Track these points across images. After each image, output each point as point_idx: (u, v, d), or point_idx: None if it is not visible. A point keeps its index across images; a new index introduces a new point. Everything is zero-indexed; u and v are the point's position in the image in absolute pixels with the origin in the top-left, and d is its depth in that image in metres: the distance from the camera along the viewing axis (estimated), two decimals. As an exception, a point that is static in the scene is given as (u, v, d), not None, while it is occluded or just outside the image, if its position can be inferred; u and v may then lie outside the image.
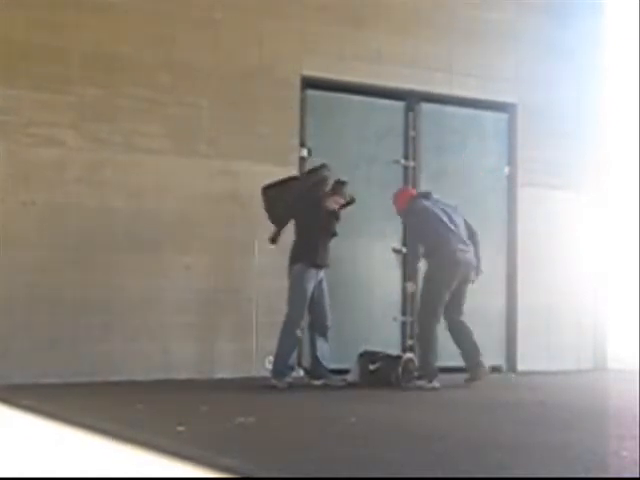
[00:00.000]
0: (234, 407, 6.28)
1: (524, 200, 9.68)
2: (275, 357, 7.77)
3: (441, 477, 4.17)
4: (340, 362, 8.29)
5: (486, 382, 8.19)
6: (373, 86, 9.04)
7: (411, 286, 8.23)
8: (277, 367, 7.74)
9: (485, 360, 8.08)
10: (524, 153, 9.70)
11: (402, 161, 9.19)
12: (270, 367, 7.90)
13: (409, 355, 8.06)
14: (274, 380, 7.68)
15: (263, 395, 7.29)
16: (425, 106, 9.30)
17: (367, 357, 8.08)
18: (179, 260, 8.17)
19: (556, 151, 9.80)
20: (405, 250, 8.43)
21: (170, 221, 8.15)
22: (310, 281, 7.78)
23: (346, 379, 8.01)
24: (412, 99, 9.26)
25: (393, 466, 4.37)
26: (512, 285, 9.63)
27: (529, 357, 9.58)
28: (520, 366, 9.51)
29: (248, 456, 4.54)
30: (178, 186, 8.20)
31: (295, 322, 7.74)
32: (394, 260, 8.75)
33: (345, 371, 8.19)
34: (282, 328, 7.75)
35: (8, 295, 7.57)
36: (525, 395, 7.53)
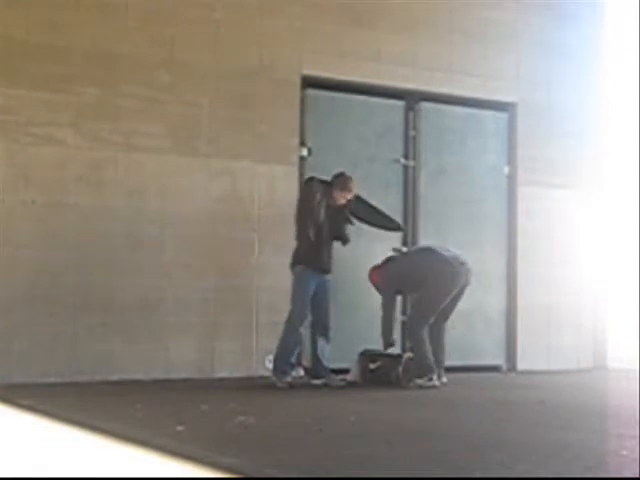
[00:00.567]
0: (234, 407, 6.28)
1: (524, 199, 9.68)
2: (277, 354, 7.77)
3: (441, 476, 4.17)
4: (340, 362, 8.28)
5: (486, 382, 8.19)
6: (373, 85, 9.04)
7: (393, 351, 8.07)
8: (278, 364, 7.75)
9: (439, 377, 7.89)
10: (524, 152, 9.70)
11: (402, 160, 9.19)
12: (270, 366, 7.90)
13: (409, 354, 8.06)
14: (275, 377, 7.70)
15: (263, 395, 7.29)
16: (425, 105, 9.30)
17: (367, 356, 8.09)
18: (179, 260, 8.17)
19: (556, 150, 9.81)
20: (381, 314, 8.08)
21: (170, 220, 8.15)
22: (310, 282, 7.79)
23: (345, 379, 8.01)
24: (412, 98, 9.26)
25: (393, 465, 4.37)
26: (512, 284, 9.63)
27: (529, 357, 9.58)
28: (520, 366, 9.51)
29: (248, 456, 4.54)
30: (178, 185, 8.20)
31: (296, 321, 7.75)
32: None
33: (345, 371, 8.19)
34: (285, 326, 7.77)
35: (8, 295, 7.57)
36: (525, 394, 7.52)
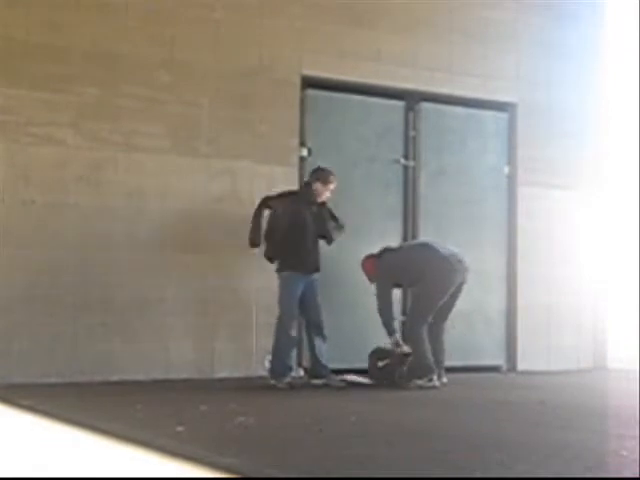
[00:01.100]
0: (234, 407, 6.28)
1: (524, 199, 9.68)
2: (272, 358, 7.79)
3: (441, 476, 4.17)
4: (340, 362, 8.29)
5: (486, 382, 8.19)
6: (373, 85, 9.04)
7: (396, 340, 7.97)
8: (275, 368, 7.76)
9: (439, 377, 7.88)
10: (524, 152, 9.70)
11: (402, 161, 9.18)
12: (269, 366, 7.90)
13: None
14: (273, 380, 7.70)
15: (263, 395, 7.29)
16: (425, 105, 9.29)
17: (377, 354, 8.10)
18: (179, 260, 8.17)
19: (556, 150, 9.81)
20: (377, 305, 8.02)
21: (170, 220, 8.15)
22: (297, 283, 7.77)
23: (346, 379, 8.00)
24: (412, 98, 9.26)
25: (393, 465, 4.37)
26: (512, 284, 9.63)
27: (529, 357, 9.58)
28: (520, 366, 9.51)
29: (248, 456, 4.54)
30: (178, 185, 8.20)
31: (286, 323, 7.74)
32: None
33: (345, 370, 8.20)
34: (275, 329, 7.78)
35: (8, 295, 7.57)
36: (525, 395, 7.52)
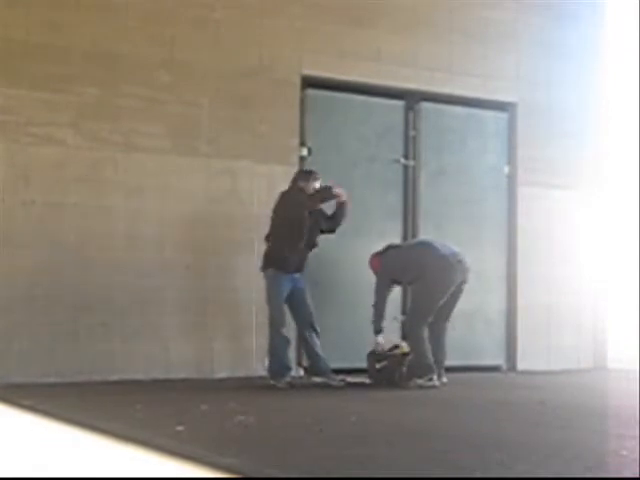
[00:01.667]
0: (234, 407, 6.28)
1: (524, 199, 9.68)
2: (269, 358, 7.79)
3: (441, 476, 4.17)
4: (340, 362, 8.29)
5: (486, 382, 8.18)
6: (373, 85, 9.04)
7: (381, 341, 7.97)
8: (273, 367, 7.76)
9: (439, 377, 7.86)
10: (524, 152, 9.70)
11: (402, 160, 9.18)
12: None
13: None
14: (273, 380, 7.70)
15: (263, 394, 7.29)
16: (425, 105, 9.29)
17: (374, 355, 8.09)
18: (179, 259, 8.17)
19: (556, 150, 9.81)
20: (374, 297, 8.02)
21: (170, 220, 8.15)
22: (283, 283, 7.74)
23: (345, 379, 7.99)
24: (412, 98, 9.26)
25: (393, 465, 4.37)
26: (512, 284, 9.63)
27: (529, 357, 9.58)
28: (520, 366, 9.51)
29: (248, 456, 4.53)
30: (178, 185, 8.20)
31: (276, 322, 7.71)
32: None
33: (345, 370, 8.20)
34: (269, 331, 7.78)
35: (8, 295, 7.57)
36: (525, 394, 7.52)
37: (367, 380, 8.07)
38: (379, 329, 7.96)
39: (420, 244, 8.35)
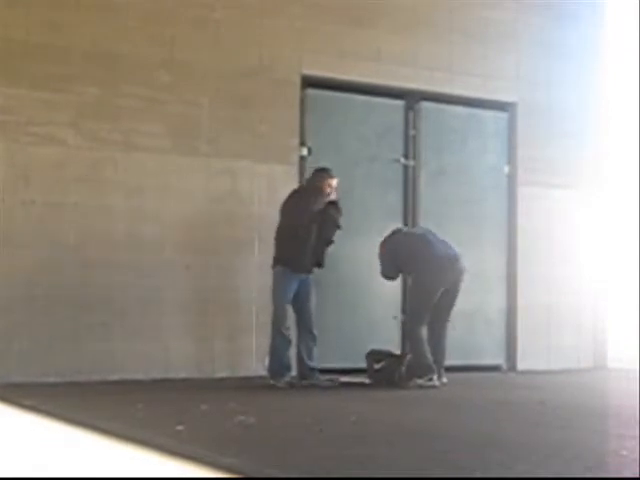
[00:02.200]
0: (234, 406, 6.27)
1: (524, 199, 9.68)
2: (270, 358, 7.79)
3: (441, 476, 4.17)
4: (340, 362, 8.29)
5: (486, 382, 8.17)
6: (373, 85, 9.04)
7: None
8: (273, 367, 7.75)
9: (439, 377, 7.85)
10: (524, 152, 9.70)
11: (402, 160, 9.18)
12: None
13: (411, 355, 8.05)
14: (272, 380, 7.69)
15: (263, 394, 7.29)
16: (425, 105, 9.30)
17: (373, 356, 8.09)
18: (179, 259, 8.17)
19: (556, 150, 9.81)
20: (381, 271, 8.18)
21: (170, 220, 8.15)
22: (290, 282, 7.74)
23: (336, 379, 7.94)
24: (412, 98, 9.26)
25: (393, 465, 4.37)
26: (512, 284, 9.63)
27: (529, 357, 9.58)
28: (520, 366, 9.51)
29: (248, 456, 4.53)
30: (178, 185, 8.20)
31: (279, 321, 7.70)
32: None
33: (346, 370, 8.21)
34: (271, 329, 7.76)
35: (8, 295, 7.57)
36: (525, 394, 7.52)
37: (367, 380, 8.07)
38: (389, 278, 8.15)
39: (420, 238, 8.18)
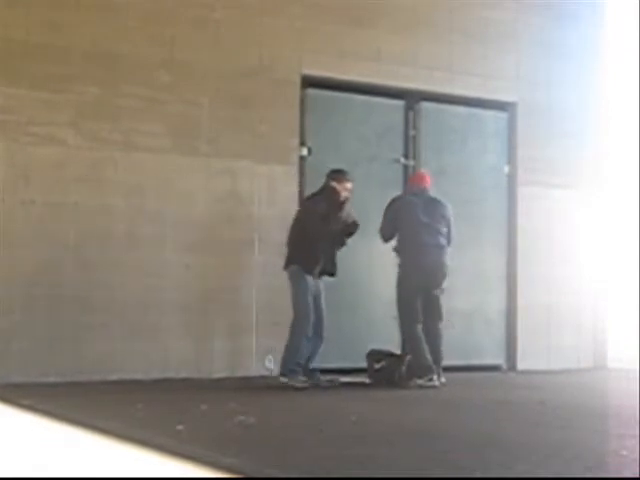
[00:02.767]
0: (234, 407, 6.27)
1: (524, 199, 9.68)
2: (285, 357, 7.63)
3: (441, 476, 4.17)
4: (340, 362, 8.29)
5: (486, 382, 8.18)
6: (373, 85, 9.04)
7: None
8: (288, 366, 7.59)
9: (437, 377, 7.82)
10: (524, 152, 9.71)
11: (402, 160, 9.19)
12: (270, 366, 7.89)
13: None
14: (285, 379, 7.54)
15: (263, 395, 7.29)
16: (425, 105, 9.30)
17: (373, 356, 8.10)
18: (179, 259, 8.17)
19: (556, 150, 9.81)
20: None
21: (170, 220, 8.15)
22: (309, 281, 7.69)
23: (333, 379, 7.92)
24: (412, 98, 9.26)
25: (393, 465, 4.37)
26: (512, 284, 9.63)
27: (529, 357, 9.58)
28: (520, 365, 9.51)
29: (248, 456, 4.53)
30: (178, 185, 8.20)
31: (303, 321, 7.61)
32: (394, 259, 8.72)
33: (346, 370, 8.20)
34: (291, 330, 7.64)
35: (8, 295, 7.57)
36: (525, 394, 7.52)
37: (367, 380, 8.07)
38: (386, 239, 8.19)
39: (417, 228, 8.06)
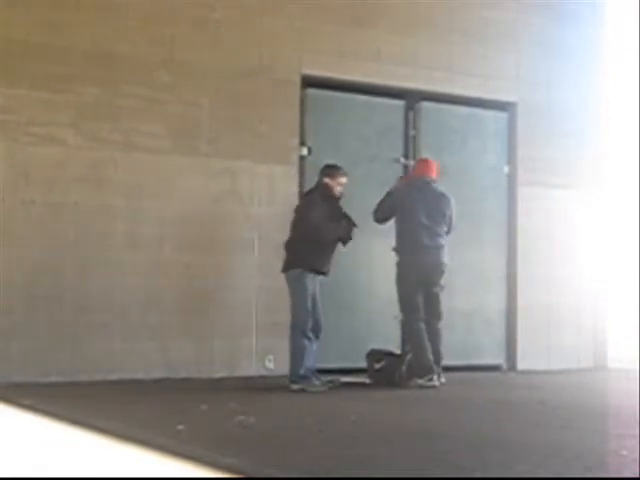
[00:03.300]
0: (234, 407, 6.27)
1: (524, 199, 9.68)
2: (293, 363, 7.50)
3: (441, 476, 4.17)
4: (340, 362, 8.29)
5: (486, 382, 8.18)
6: (373, 85, 9.04)
7: None
8: (297, 372, 7.46)
9: (437, 377, 7.80)
10: (524, 152, 9.71)
11: (402, 160, 9.18)
12: (270, 366, 7.88)
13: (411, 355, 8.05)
14: (296, 386, 7.41)
15: (263, 395, 7.29)
16: (425, 105, 9.30)
17: (373, 356, 8.10)
18: (179, 259, 8.17)
19: (556, 150, 9.81)
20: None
21: (170, 220, 8.15)
22: (309, 283, 7.60)
23: (333, 380, 7.91)
24: (412, 98, 9.26)
25: (393, 465, 4.37)
26: (512, 284, 9.63)
27: (529, 356, 9.58)
28: (520, 365, 9.51)
29: (248, 456, 4.53)
30: (178, 185, 8.20)
31: (303, 324, 7.52)
32: (394, 259, 8.73)
33: (346, 370, 8.20)
34: (291, 333, 7.55)
35: (8, 295, 7.57)
36: (525, 394, 7.52)
37: (367, 380, 8.07)
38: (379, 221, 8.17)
39: (417, 230, 8.03)
